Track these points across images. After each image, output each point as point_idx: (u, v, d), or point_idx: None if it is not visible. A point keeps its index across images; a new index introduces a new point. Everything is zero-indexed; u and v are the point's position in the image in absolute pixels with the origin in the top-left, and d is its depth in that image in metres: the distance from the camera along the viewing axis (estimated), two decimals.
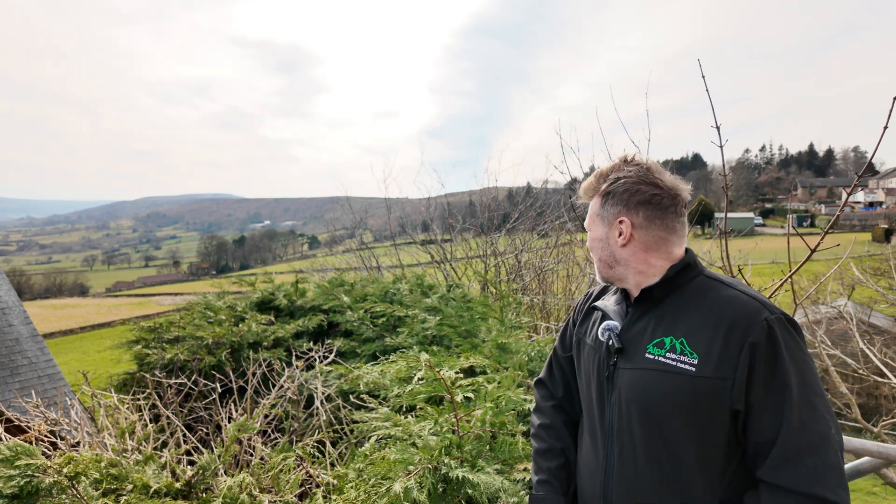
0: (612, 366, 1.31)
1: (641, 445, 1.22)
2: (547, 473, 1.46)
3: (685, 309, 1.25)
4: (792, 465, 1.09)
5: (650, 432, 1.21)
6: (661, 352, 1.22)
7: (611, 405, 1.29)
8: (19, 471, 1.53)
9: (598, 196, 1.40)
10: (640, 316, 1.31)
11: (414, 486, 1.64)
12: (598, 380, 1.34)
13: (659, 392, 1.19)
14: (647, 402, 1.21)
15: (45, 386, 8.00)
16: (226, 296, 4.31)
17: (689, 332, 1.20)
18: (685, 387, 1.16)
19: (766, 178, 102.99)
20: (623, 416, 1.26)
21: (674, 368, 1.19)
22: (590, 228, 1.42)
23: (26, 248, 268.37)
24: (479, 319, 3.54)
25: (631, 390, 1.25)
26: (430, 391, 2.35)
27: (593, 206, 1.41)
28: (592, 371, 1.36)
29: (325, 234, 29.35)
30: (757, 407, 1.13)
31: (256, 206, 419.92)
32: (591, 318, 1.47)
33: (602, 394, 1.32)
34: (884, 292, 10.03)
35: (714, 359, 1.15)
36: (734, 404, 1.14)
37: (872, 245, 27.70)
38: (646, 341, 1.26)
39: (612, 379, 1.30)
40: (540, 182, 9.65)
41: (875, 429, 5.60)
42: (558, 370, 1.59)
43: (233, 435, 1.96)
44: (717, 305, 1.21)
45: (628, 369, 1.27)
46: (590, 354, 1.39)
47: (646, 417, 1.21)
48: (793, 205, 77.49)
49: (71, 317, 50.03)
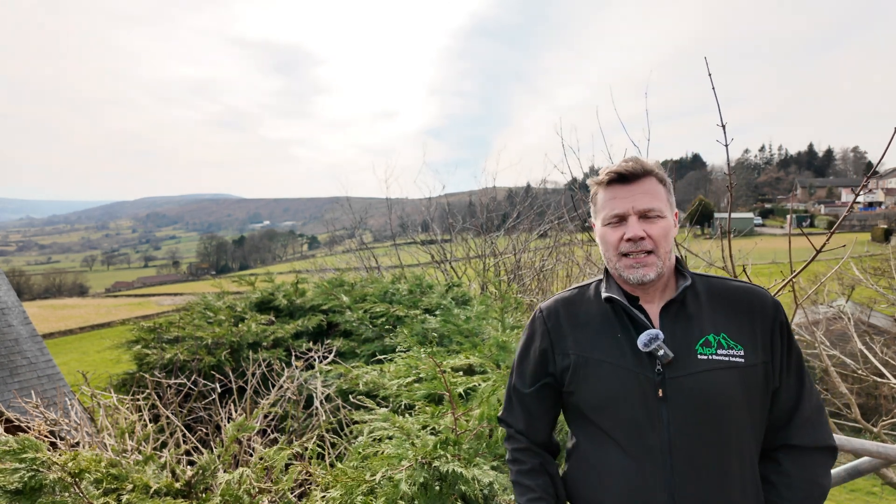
0: (660, 379, 1.19)
1: (712, 452, 1.18)
2: (539, 490, 1.34)
3: (707, 304, 1.27)
4: (811, 425, 1.23)
5: (719, 437, 1.18)
6: (710, 350, 1.20)
7: (664, 420, 1.19)
8: (25, 464, 1.53)
9: (655, 179, 1.27)
10: (673, 318, 1.25)
11: (403, 477, 1.62)
12: (641, 398, 1.20)
13: (723, 392, 1.17)
14: (713, 404, 1.17)
15: (44, 386, 8.00)
16: (225, 296, 4.30)
17: (724, 326, 1.23)
18: (742, 379, 1.19)
19: (765, 179, 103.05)
20: (686, 427, 1.17)
21: (728, 364, 1.19)
22: (659, 213, 1.24)
23: (26, 248, 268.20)
24: (479, 319, 3.53)
25: (691, 397, 1.17)
26: (430, 388, 2.35)
27: (660, 190, 1.26)
28: (630, 391, 1.22)
29: (324, 235, 29.39)
30: (784, 379, 1.23)
31: (256, 206, 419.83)
32: (593, 333, 1.30)
33: (651, 410, 1.20)
34: (883, 292, 10.03)
35: (757, 345, 1.21)
36: (775, 382, 1.22)
37: (872, 245, 27.72)
38: (692, 343, 1.21)
39: (664, 392, 1.19)
40: (539, 182, 9.66)
41: (875, 429, 5.60)
42: (526, 404, 1.42)
43: (232, 435, 1.96)
44: (732, 296, 1.27)
45: (683, 377, 1.18)
46: (616, 373, 1.24)
47: (711, 421, 1.17)
48: (792, 205, 77.51)
49: (70, 317, 50.00)
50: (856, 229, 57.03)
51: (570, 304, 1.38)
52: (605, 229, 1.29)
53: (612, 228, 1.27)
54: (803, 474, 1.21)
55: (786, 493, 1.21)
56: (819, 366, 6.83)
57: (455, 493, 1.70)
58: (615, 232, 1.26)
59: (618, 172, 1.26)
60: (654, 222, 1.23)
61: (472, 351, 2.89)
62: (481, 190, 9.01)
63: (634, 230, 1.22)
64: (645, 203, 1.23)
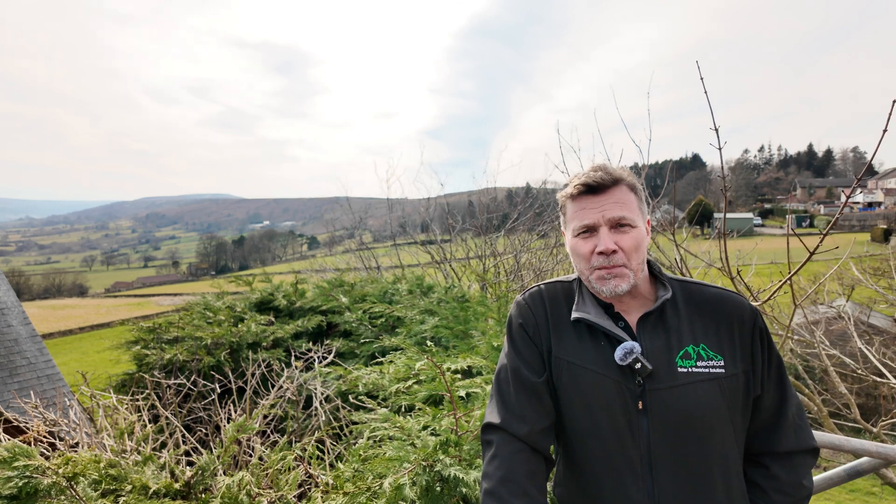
0: (640, 390, 1.19)
1: (693, 463, 1.17)
2: None
3: (685, 314, 1.25)
4: (795, 429, 1.24)
5: (699, 448, 1.17)
6: (690, 363, 1.19)
7: (644, 432, 1.18)
8: (17, 472, 1.53)
9: (626, 188, 1.25)
10: (651, 329, 1.23)
11: (407, 482, 1.63)
12: (623, 409, 1.20)
13: (704, 404, 1.17)
14: (694, 417, 1.16)
15: (43, 386, 7.99)
16: (225, 296, 4.30)
17: (703, 337, 1.22)
18: (722, 390, 1.18)
19: (765, 179, 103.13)
20: (666, 439, 1.17)
21: (709, 376, 1.18)
22: (630, 223, 1.22)
23: (25, 248, 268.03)
24: (477, 320, 3.53)
25: (672, 410, 1.17)
26: (431, 389, 2.35)
27: (631, 198, 1.24)
28: (612, 400, 1.20)
29: (324, 235, 29.34)
30: (766, 387, 1.23)
31: (256, 206, 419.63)
32: (576, 337, 1.27)
33: (631, 422, 1.19)
34: (883, 292, 10.03)
35: (736, 354, 1.21)
36: (756, 390, 1.22)
37: (871, 245, 27.74)
38: (672, 355, 1.20)
39: (644, 404, 1.18)
40: (539, 182, 9.66)
41: (874, 429, 5.60)
42: (532, 399, 1.29)
43: (232, 435, 1.96)
44: (710, 304, 1.26)
45: (663, 389, 1.18)
46: (599, 381, 1.22)
47: (692, 434, 1.17)
48: (792, 205, 77.55)
49: (70, 317, 49.98)
50: (855, 229, 57.07)
51: (554, 299, 1.34)
52: (575, 240, 1.27)
53: (582, 240, 1.25)
54: (791, 478, 1.22)
55: (776, 497, 1.21)
56: (819, 366, 6.83)
57: (456, 494, 1.70)
58: (586, 244, 1.24)
59: (586, 184, 1.23)
60: (626, 232, 1.22)
61: (470, 352, 2.89)
62: (481, 190, 9.01)
63: (606, 243, 1.20)
64: (615, 212, 1.21)
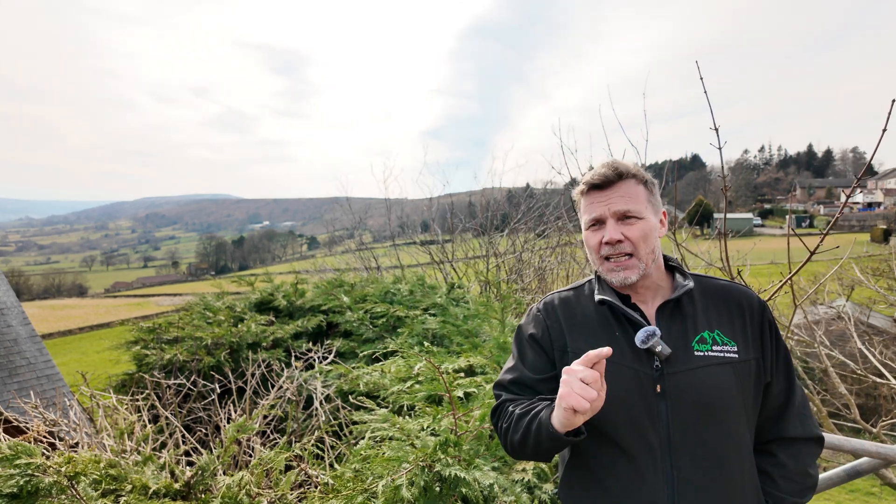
0: (658, 374, 1.21)
1: (711, 446, 1.20)
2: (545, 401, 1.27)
3: (700, 302, 1.31)
4: (801, 418, 1.28)
5: (717, 431, 1.20)
6: (706, 347, 1.24)
7: (663, 416, 1.20)
8: (19, 470, 1.53)
9: (634, 182, 1.29)
10: (669, 316, 1.28)
11: (404, 482, 1.62)
12: (641, 395, 1.21)
13: (720, 387, 1.21)
14: (711, 399, 1.20)
15: (43, 386, 7.99)
16: (225, 296, 4.30)
17: (718, 324, 1.27)
18: (736, 374, 1.22)
19: (764, 179, 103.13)
20: (686, 423, 1.19)
21: (724, 360, 1.23)
22: (636, 214, 1.26)
23: (25, 248, 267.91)
24: (480, 320, 3.53)
25: (689, 392, 1.19)
26: (430, 390, 2.35)
27: (639, 191, 1.28)
28: (629, 388, 1.22)
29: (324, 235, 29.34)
30: (774, 375, 1.28)
31: (255, 206, 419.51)
32: (590, 332, 1.31)
33: (651, 407, 1.21)
34: (883, 293, 10.03)
35: (748, 342, 1.25)
36: (766, 377, 1.26)
37: (871, 245, 27.73)
38: (689, 340, 1.24)
39: (662, 387, 1.20)
40: (540, 183, 9.67)
41: (874, 429, 5.61)
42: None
43: (232, 435, 1.96)
44: (723, 294, 1.32)
45: (680, 372, 1.20)
46: (614, 370, 1.23)
47: (710, 416, 1.20)
48: (791, 205, 77.58)
49: (70, 317, 49.97)
50: (855, 230, 57.08)
51: (566, 304, 1.40)
52: (587, 233, 1.34)
53: (592, 232, 1.32)
54: (797, 465, 1.27)
55: (783, 483, 1.26)
56: (818, 366, 6.83)
57: (456, 494, 1.69)
58: (595, 236, 1.31)
59: (591, 182, 1.30)
60: (633, 224, 1.26)
61: (472, 352, 2.88)
62: (482, 190, 9.01)
63: (611, 233, 1.26)
64: (621, 205, 1.26)
